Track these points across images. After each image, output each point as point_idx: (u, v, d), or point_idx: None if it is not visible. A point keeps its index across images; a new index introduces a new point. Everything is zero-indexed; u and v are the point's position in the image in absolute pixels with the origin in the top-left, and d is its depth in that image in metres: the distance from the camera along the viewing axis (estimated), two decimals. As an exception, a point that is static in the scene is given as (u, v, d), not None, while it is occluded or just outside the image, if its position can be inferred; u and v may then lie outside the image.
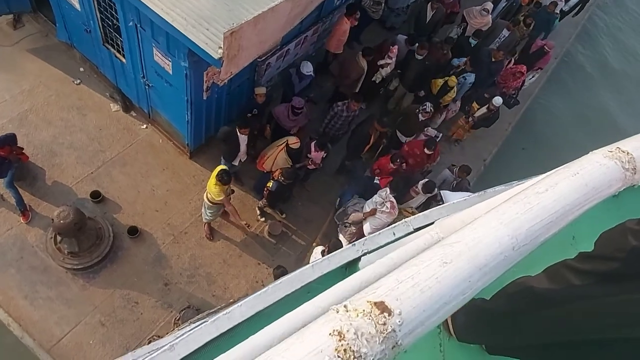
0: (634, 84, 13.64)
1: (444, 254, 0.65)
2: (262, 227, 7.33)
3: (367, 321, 0.54)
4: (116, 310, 6.14)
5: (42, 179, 6.72)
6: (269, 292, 1.81)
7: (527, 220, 0.75)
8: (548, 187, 0.86)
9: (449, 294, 0.60)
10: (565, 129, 11.75)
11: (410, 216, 6.52)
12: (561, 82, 12.66)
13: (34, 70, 7.62)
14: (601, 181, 0.92)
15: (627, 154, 1.00)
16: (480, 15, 9.06)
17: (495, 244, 0.68)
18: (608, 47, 14.50)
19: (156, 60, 5.82)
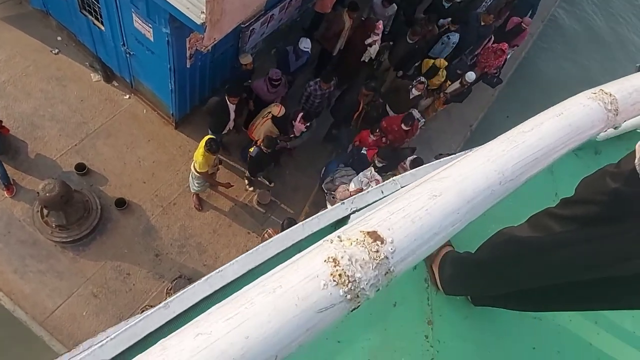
0: (619, 46, 13.67)
1: (432, 188, 0.66)
2: (251, 196, 7.35)
3: (360, 249, 0.55)
4: (108, 281, 6.18)
5: (24, 153, 6.59)
6: (260, 250, 1.84)
7: (513, 157, 0.76)
8: (533, 126, 0.87)
9: (438, 225, 0.62)
10: (550, 95, 11.76)
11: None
12: (547, 46, 12.64)
13: (10, 40, 7.33)
14: (584, 122, 0.94)
15: (609, 95, 1.02)
16: None
17: (482, 178, 0.70)
18: (592, 10, 14.43)
19: (136, 27, 5.64)
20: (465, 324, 2.14)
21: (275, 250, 1.82)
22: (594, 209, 1.30)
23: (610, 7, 14.74)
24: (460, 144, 9.47)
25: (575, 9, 14.09)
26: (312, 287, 0.52)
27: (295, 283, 0.52)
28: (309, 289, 0.52)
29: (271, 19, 7.14)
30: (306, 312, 0.50)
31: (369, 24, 7.40)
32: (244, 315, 0.49)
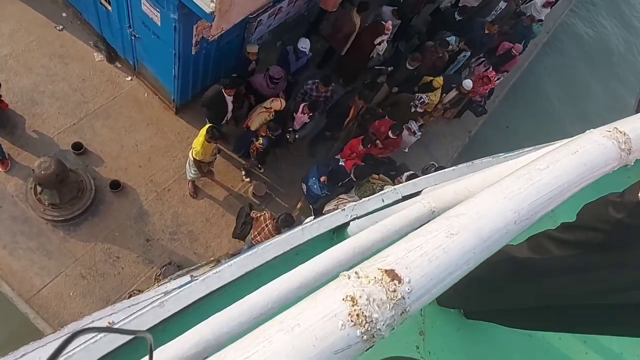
0: (626, 64, 13.73)
1: (450, 225, 0.66)
2: (247, 187, 7.33)
3: (378, 288, 0.55)
4: (97, 263, 6.15)
5: (21, 128, 6.52)
6: (258, 252, 1.84)
7: (530, 195, 0.77)
8: (549, 163, 0.87)
9: (454, 264, 0.62)
10: (551, 105, 11.88)
11: (378, 182, 6.51)
12: (551, 57, 12.67)
13: (15, 13, 7.22)
14: (599, 160, 0.95)
15: (624, 134, 1.02)
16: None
17: (499, 217, 0.70)
18: (603, 20, 14.48)
19: (144, 11, 5.59)
20: (457, 337, 2.16)
21: (273, 253, 1.83)
22: (595, 236, 1.32)
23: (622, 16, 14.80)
24: (458, 149, 9.50)
25: (584, 18, 14.13)
26: (330, 327, 0.52)
27: (314, 322, 0.52)
28: (327, 328, 0.52)
29: (279, 11, 7.11)
30: (323, 353, 0.50)
31: (379, 26, 7.40)
32: (262, 354, 0.49)
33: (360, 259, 1.28)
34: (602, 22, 14.55)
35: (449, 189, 1.63)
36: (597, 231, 1.30)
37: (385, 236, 1.37)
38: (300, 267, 1.13)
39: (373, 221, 2.02)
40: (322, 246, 2.16)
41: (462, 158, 9.09)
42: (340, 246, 1.23)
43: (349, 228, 2.15)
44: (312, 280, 1.11)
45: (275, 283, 1.09)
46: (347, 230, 2.15)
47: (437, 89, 7.47)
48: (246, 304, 1.04)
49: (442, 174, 2.54)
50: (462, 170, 2.53)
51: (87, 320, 4.98)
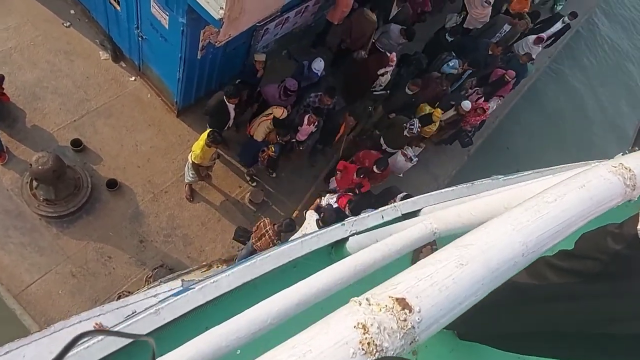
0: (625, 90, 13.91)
1: (460, 255, 0.67)
2: (244, 193, 7.32)
3: (389, 316, 0.56)
4: (88, 262, 6.10)
5: (22, 122, 6.50)
6: (257, 264, 1.84)
7: (538, 228, 0.77)
8: (557, 197, 0.88)
9: (463, 295, 0.63)
10: (553, 126, 11.98)
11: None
12: (554, 74, 12.82)
13: (22, 7, 7.25)
14: (605, 196, 0.96)
15: (629, 170, 1.03)
16: (481, 6, 8.96)
17: (507, 249, 0.71)
18: (598, 53, 14.69)
19: (153, 13, 5.62)
20: (450, 357, 2.16)
21: (271, 265, 1.82)
22: (592, 265, 1.32)
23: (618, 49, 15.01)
24: (457, 168, 9.53)
25: (587, 39, 14.33)
26: (342, 355, 0.52)
27: (325, 348, 0.52)
28: (339, 356, 0.52)
29: (286, 21, 7.16)
30: (334, 381, 0.50)
31: (383, 57, 7.44)
32: (274, 380, 0.49)
33: (361, 278, 1.28)
34: (606, 41, 14.78)
35: (452, 211, 1.64)
36: (595, 261, 1.31)
37: (387, 255, 1.37)
38: (301, 283, 1.13)
39: (372, 237, 2.03)
40: (320, 260, 2.17)
41: (461, 176, 9.13)
42: (341, 264, 1.23)
43: (348, 243, 2.15)
44: (313, 297, 1.11)
45: (274, 298, 1.09)
46: (346, 246, 2.15)
47: (435, 122, 7.39)
48: (245, 318, 1.03)
49: (442, 194, 2.55)
50: (462, 191, 2.55)
51: (74, 320, 4.93)
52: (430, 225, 1.50)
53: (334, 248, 2.18)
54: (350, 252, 2.03)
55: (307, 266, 1.98)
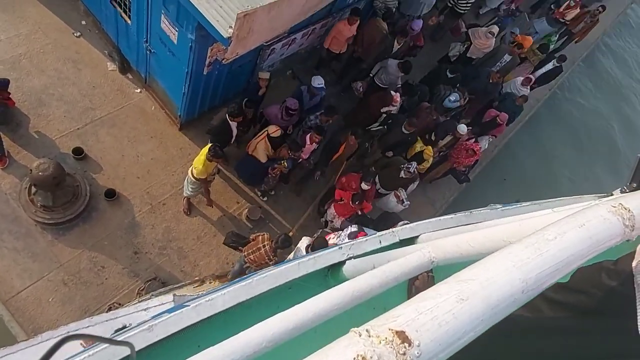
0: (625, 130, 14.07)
1: (460, 290, 0.67)
2: (241, 209, 7.31)
3: (388, 349, 0.56)
4: (81, 271, 6.05)
5: (25, 127, 6.54)
6: (253, 284, 1.83)
7: (537, 265, 0.78)
8: (557, 235, 0.89)
9: (462, 330, 0.63)
10: (552, 157, 12.07)
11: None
12: (553, 109, 12.97)
13: (34, 16, 7.37)
14: (604, 235, 0.97)
15: (628, 211, 1.05)
16: (485, 36, 9.16)
17: (507, 285, 0.71)
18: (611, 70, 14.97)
19: (162, 28, 5.72)
20: None
21: (268, 286, 1.81)
22: (586, 300, 1.33)
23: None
24: (454, 193, 9.55)
25: (588, 72, 14.55)
26: (341, 386, 0.52)
27: (325, 380, 0.52)
28: (338, 388, 0.52)
29: (292, 42, 7.30)
30: (332, 413, 0.50)
31: (387, 96, 7.47)
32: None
33: (357, 304, 1.28)
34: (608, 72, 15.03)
35: (450, 241, 1.64)
36: (589, 296, 1.31)
37: (384, 282, 1.37)
38: (297, 307, 1.12)
39: (369, 262, 2.02)
40: (316, 282, 2.16)
41: (458, 203, 9.16)
42: (339, 289, 1.23)
43: (345, 267, 2.14)
44: (309, 322, 1.11)
45: (270, 322, 1.08)
46: (342, 269, 2.14)
47: (427, 160, 7.42)
48: (240, 340, 1.03)
49: (440, 221, 2.56)
50: (460, 219, 2.55)
51: (62, 330, 4.87)
52: (429, 254, 1.50)
53: (331, 271, 2.17)
54: (347, 276, 2.03)
55: (302, 288, 1.97)
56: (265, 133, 6.37)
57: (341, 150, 6.86)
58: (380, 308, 0.76)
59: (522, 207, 2.32)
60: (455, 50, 9.70)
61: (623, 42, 16.40)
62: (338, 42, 7.91)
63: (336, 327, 0.83)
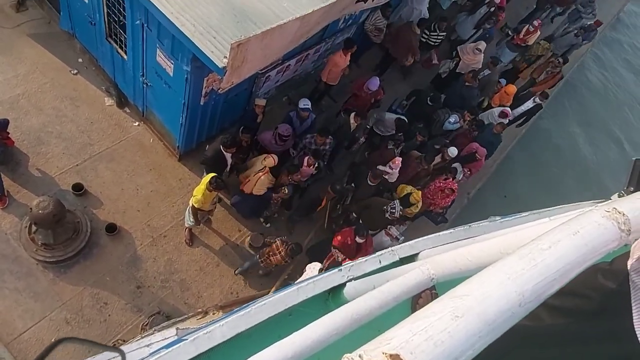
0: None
1: (454, 307, 0.65)
2: (243, 237, 7.26)
3: (382, 373, 0.54)
4: (84, 309, 5.96)
5: (24, 166, 6.57)
6: (252, 312, 1.79)
7: (533, 276, 0.76)
8: (551, 244, 0.87)
9: (459, 349, 0.61)
10: (550, 173, 12.06)
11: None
12: (552, 120, 13.04)
13: (32, 56, 7.52)
14: (599, 241, 0.95)
15: (622, 215, 1.03)
16: (473, 52, 9.32)
17: (503, 299, 0.69)
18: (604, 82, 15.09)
19: (158, 61, 5.81)
20: None
21: (267, 314, 1.77)
22: (583, 303, 1.30)
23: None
24: (456, 210, 9.50)
25: (589, 76, 14.68)
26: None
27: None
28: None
29: (287, 68, 7.40)
30: None
31: (389, 153, 7.29)
32: None
33: (357, 327, 1.25)
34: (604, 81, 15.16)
35: (449, 256, 1.62)
36: (586, 298, 1.28)
37: (384, 303, 1.34)
38: (296, 334, 1.09)
39: (370, 283, 1.99)
40: (316, 307, 2.12)
41: (460, 219, 9.09)
42: (337, 314, 1.20)
43: (345, 289, 2.10)
44: (308, 349, 1.08)
45: (269, 351, 1.05)
46: (343, 292, 2.11)
47: (414, 204, 7.02)
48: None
49: (439, 237, 2.53)
50: (459, 234, 2.53)
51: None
52: (427, 271, 1.48)
53: (331, 294, 2.13)
54: (348, 298, 1.99)
55: (303, 314, 1.93)
56: (267, 169, 6.33)
57: (324, 202, 6.81)
58: (384, 329, 0.74)
59: (521, 217, 2.30)
60: (445, 67, 9.83)
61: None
62: (334, 74, 8.07)
63: (337, 353, 0.80)
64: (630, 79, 16.14)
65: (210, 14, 4.82)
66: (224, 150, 6.08)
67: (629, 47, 17.18)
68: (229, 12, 4.93)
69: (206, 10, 4.83)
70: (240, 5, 5.04)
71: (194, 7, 4.79)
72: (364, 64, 9.77)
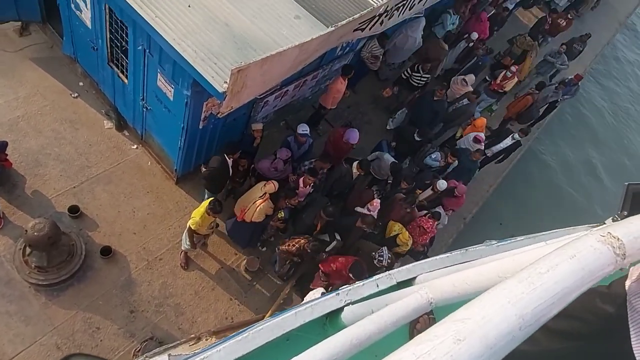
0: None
1: (456, 330, 0.66)
2: (240, 261, 7.21)
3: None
4: (75, 333, 5.85)
5: (21, 188, 6.56)
6: (249, 337, 1.77)
7: (532, 300, 0.77)
8: (549, 268, 0.89)
9: (461, 372, 0.62)
10: (545, 199, 12.14)
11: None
12: (545, 148, 13.19)
13: (33, 79, 7.61)
14: (596, 265, 0.97)
15: (617, 239, 1.05)
16: (461, 84, 9.61)
17: (504, 323, 0.70)
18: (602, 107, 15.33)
19: (158, 86, 5.89)
20: None
21: (264, 339, 1.76)
22: (579, 326, 1.30)
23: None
24: (453, 235, 9.52)
25: (584, 104, 14.91)
26: None
27: None
28: None
29: (285, 94, 7.51)
30: None
31: (367, 195, 7.13)
32: None
33: (356, 352, 1.25)
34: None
35: (447, 280, 1.62)
36: (583, 321, 1.28)
37: (383, 328, 1.34)
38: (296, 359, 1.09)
39: (367, 307, 1.98)
40: (314, 332, 2.10)
41: (457, 243, 9.10)
42: (334, 339, 1.20)
43: (343, 314, 2.09)
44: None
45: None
46: (341, 316, 2.10)
47: (400, 245, 6.95)
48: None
49: (437, 261, 2.53)
50: (456, 257, 2.53)
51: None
52: (426, 295, 1.48)
53: (329, 319, 2.12)
54: (346, 322, 1.98)
55: (300, 339, 1.91)
56: (267, 195, 6.29)
57: (318, 228, 6.77)
58: (381, 355, 0.74)
59: (517, 241, 2.31)
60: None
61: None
62: (335, 99, 8.27)
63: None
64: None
65: (211, 41, 4.92)
66: (227, 157, 6.15)
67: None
68: (230, 39, 5.05)
69: (207, 37, 4.94)
70: (240, 32, 5.16)
71: (195, 34, 4.90)
72: (360, 90, 9.96)
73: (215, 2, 5.34)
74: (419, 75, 9.32)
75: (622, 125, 16.01)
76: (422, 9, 8.02)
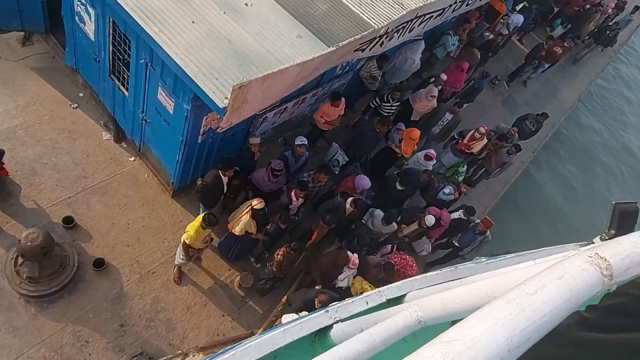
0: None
1: (445, 352, 0.66)
2: (233, 277, 7.15)
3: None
4: (63, 347, 5.75)
5: (16, 197, 6.52)
6: (237, 355, 1.75)
7: (520, 322, 0.77)
8: (537, 289, 0.89)
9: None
10: (537, 225, 12.16)
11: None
12: (540, 174, 13.24)
13: (33, 88, 7.64)
14: (583, 286, 0.97)
15: (605, 260, 1.06)
16: (426, 99, 9.16)
17: (492, 344, 0.70)
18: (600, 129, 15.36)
19: (159, 99, 5.93)
20: None
21: (252, 357, 1.74)
22: (627, 300, 1.27)
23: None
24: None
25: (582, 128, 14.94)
26: None
27: None
28: None
29: (284, 110, 7.57)
30: None
31: (342, 258, 6.57)
32: None
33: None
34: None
35: (437, 299, 1.62)
36: (630, 296, 1.24)
37: (372, 346, 1.33)
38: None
39: (357, 325, 1.97)
40: (302, 349, 2.08)
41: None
42: (324, 357, 1.18)
43: (332, 331, 2.07)
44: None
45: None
46: (330, 334, 2.07)
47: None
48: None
49: (427, 278, 2.52)
50: (446, 275, 2.52)
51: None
52: (415, 314, 1.48)
53: (318, 336, 2.09)
54: (335, 340, 1.96)
55: (288, 357, 1.89)
56: (249, 208, 6.25)
57: (314, 237, 6.80)
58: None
59: (506, 259, 2.31)
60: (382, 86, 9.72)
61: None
62: (327, 122, 8.16)
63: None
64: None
65: (214, 57, 4.98)
66: (222, 174, 6.15)
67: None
68: (232, 55, 5.11)
69: (210, 53, 5.00)
70: (243, 49, 5.23)
71: (198, 50, 4.96)
72: (359, 109, 10.04)
73: (218, 19, 5.42)
74: (389, 104, 8.98)
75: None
76: (421, 31, 8.14)
